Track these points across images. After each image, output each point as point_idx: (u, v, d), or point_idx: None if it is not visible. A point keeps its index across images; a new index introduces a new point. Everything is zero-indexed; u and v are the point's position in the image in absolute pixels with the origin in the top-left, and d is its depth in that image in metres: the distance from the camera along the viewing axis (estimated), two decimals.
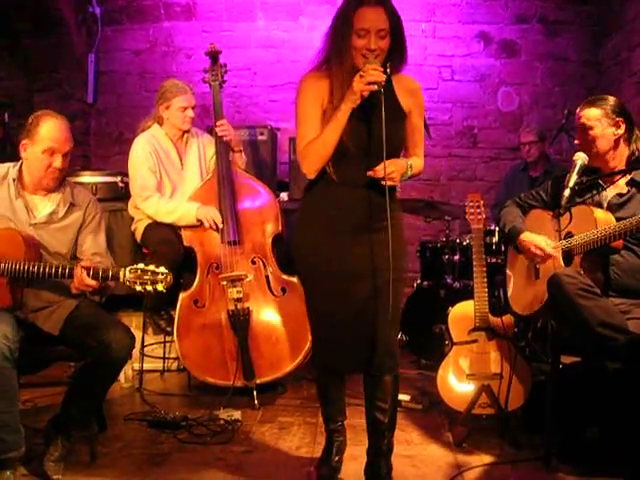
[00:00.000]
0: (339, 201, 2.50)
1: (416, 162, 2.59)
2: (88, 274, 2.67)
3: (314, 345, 2.72)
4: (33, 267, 2.68)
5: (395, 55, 2.46)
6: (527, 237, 3.03)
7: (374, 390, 2.62)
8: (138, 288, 2.65)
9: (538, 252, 2.97)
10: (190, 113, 3.97)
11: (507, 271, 3.35)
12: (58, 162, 2.84)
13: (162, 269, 2.66)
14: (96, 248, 2.96)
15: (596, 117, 2.85)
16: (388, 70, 2.40)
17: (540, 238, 3.00)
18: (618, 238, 2.68)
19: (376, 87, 2.30)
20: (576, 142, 2.95)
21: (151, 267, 2.66)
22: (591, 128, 2.85)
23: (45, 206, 2.92)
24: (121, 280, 2.68)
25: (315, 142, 2.43)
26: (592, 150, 2.86)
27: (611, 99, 2.89)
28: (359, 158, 2.46)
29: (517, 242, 3.08)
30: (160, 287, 2.66)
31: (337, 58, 2.42)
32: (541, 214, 3.11)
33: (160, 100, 3.98)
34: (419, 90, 2.59)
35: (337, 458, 2.80)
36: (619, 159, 2.89)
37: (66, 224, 2.94)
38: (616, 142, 2.87)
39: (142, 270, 2.66)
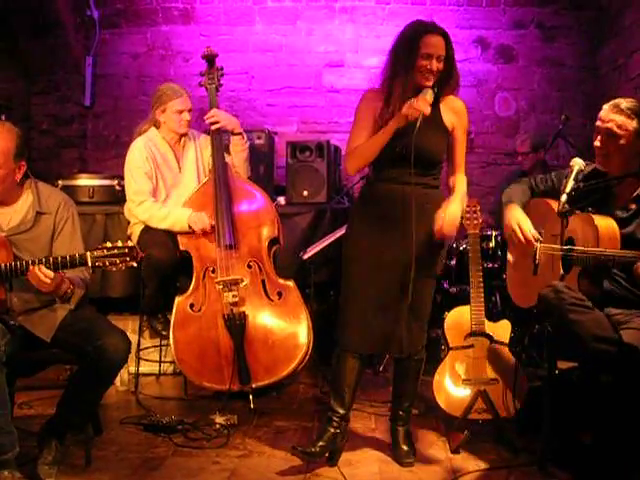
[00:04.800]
0: (379, 197, 2.90)
1: (462, 188, 3.00)
2: (46, 266, 2.58)
3: (339, 327, 2.95)
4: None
5: (445, 79, 2.82)
6: (514, 211, 2.95)
7: (396, 368, 3.07)
8: (112, 269, 2.62)
9: (518, 233, 2.89)
10: (186, 116, 3.95)
11: (508, 257, 3.28)
12: None
13: (129, 243, 2.65)
14: (73, 252, 2.73)
15: (628, 129, 2.72)
16: (435, 90, 2.78)
17: (528, 221, 2.91)
18: (620, 263, 2.57)
19: (420, 116, 2.67)
20: (596, 144, 2.79)
21: (118, 243, 2.62)
22: (621, 137, 2.72)
23: (10, 218, 2.78)
24: (90, 264, 2.60)
25: (362, 147, 2.83)
26: (611, 157, 2.76)
27: None
28: (398, 160, 2.80)
29: (505, 210, 3.01)
30: (132, 264, 2.62)
31: (401, 76, 2.78)
32: (548, 206, 2.98)
33: (156, 104, 3.96)
34: (463, 110, 2.95)
35: (320, 446, 2.86)
36: (630, 168, 2.76)
37: (36, 234, 2.80)
38: (638, 154, 2.76)
39: (108, 249, 2.60)
